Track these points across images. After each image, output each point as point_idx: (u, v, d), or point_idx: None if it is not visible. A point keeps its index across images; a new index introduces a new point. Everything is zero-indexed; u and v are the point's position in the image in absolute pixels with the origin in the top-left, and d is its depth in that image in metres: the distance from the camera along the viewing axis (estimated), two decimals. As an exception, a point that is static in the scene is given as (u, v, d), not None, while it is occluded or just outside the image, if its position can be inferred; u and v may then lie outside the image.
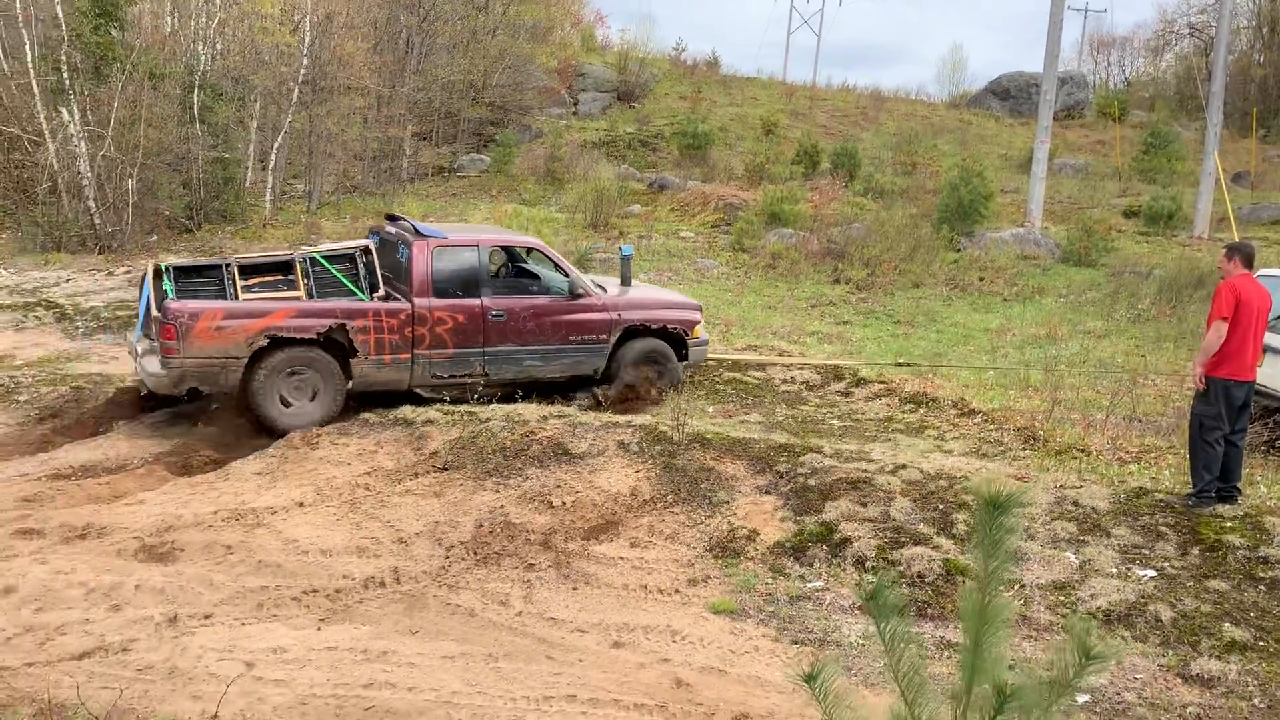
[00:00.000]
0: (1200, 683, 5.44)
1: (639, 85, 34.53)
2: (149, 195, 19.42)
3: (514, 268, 11.18)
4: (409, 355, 9.62)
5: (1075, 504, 7.16)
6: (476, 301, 9.88)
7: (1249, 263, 7.07)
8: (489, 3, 30.17)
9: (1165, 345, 14.60)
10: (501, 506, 7.49)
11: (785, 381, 11.81)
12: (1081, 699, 5.25)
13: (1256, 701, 5.27)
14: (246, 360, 9.06)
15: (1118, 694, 5.32)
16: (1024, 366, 12.59)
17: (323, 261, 9.84)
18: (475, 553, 6.86)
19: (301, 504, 7.64)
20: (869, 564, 6.64)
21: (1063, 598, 6.19)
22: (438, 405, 9.53)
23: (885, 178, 26.55)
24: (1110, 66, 58.17)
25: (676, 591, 6.50)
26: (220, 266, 9.76)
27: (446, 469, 8.20)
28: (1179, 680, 5.47)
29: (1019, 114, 36.91)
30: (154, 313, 9.20)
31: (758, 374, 12.05)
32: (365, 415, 9.38)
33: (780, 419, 10.33)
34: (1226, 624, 5.86)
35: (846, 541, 6.88)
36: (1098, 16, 71.43)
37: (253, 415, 9.23)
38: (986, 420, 9.88)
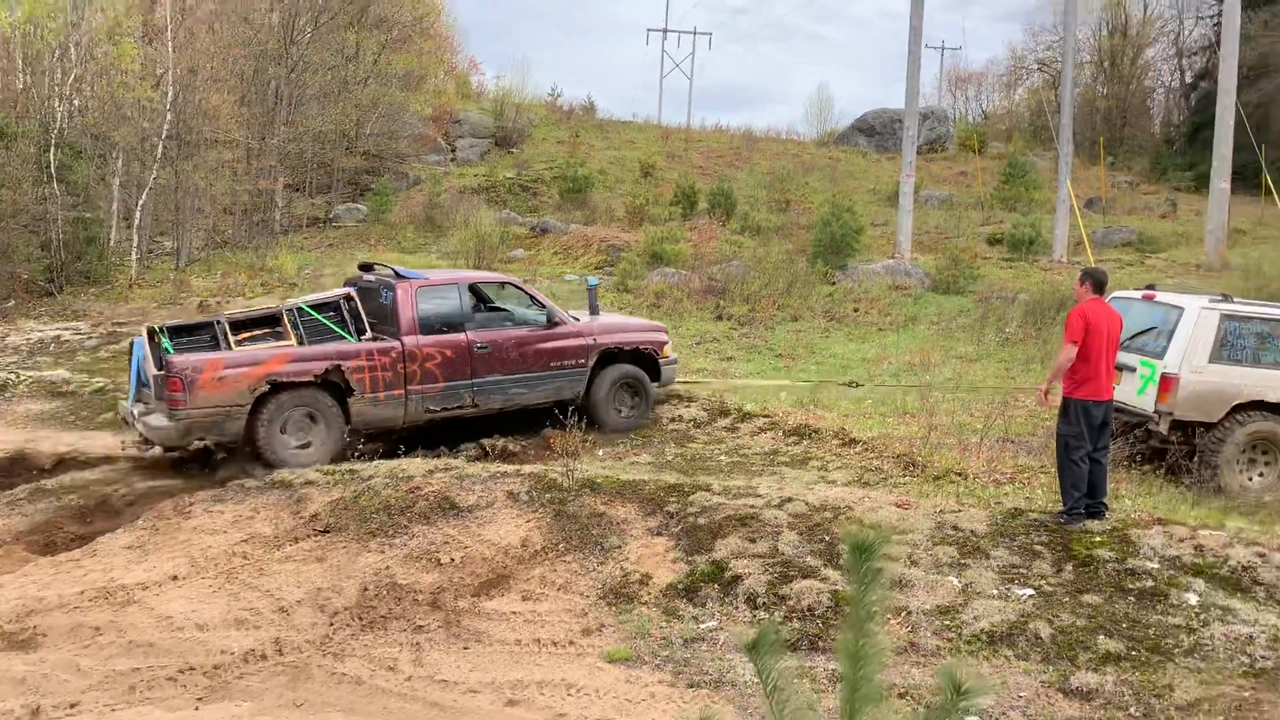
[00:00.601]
0: (1080, 696, 5.62)
1: (516, 131, 34.63)
2: (4, 259, 18.51)
3: (492, 302, 11.59)
4: (402, 391, 10.06)
5: (955, 528, 7.36)
6: (462, 336, 10.41)
7: (1099, 288, 7.45)
8: (359, 52, 29.89)
9: (1033, 366, 15.22)
10: (387, 567, 7.30)
11: (673, 420, 11.88)
12: (970, 721, 5.36)
13: (1133, 710, 5.47)
14: (250, 407, 9.43)
15: (1003, 713, 5.46)
16: (971, 386, 12.92)
17: (309, 311, 10.21)
18: (361, 617, 6.66)
19: (175, 577, 7.31)
20: (760, 600, 6.69)
21: (948, 622, 6.34)
22: (317, 465, 9.27)
23: (761, 215, 27.14)
24: (968, 101, 60.99)
25: (571, 643, 6.42)
26: (211, 324, 10.11)
27: (328, 531, 7.96)
28: (1060, 695, 5.64)
29: (885, 149, 38.27)
30: (153, 372, 9.56)
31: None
32: (241, 480, 9.07)
33: (670, 458, 10.37)
34: (1101, 636, 6.09)
35: (738, 579, 6.92)
36: (954, 53, 74.81)
37: (261, 459, 9.55)
38: (867, 449, 10.11)
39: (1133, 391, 9.48)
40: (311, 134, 27.44)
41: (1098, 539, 7.09)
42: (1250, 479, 9.15)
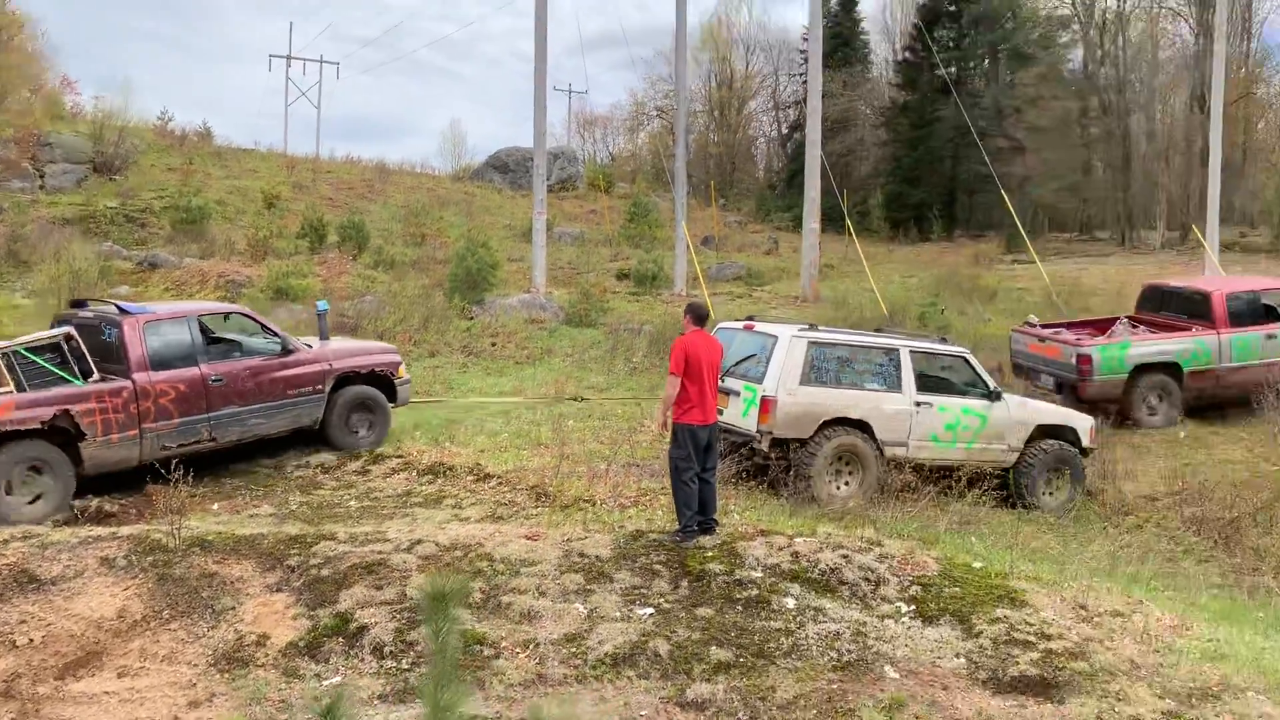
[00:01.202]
0: (695, 707, 5.93)
1: (120, 156, 31.57)
2: None
3: (225, 334, 11.45)
4: (136, 431, 9.82)
5: (582, 554, 7.55)
6: (195, 370, 10.25)
7: (700, 321, 8.02)
8: (-81, 61, 25.96)
9: (658, 393, 16.10)
10: (-55, 658, 6.28)
11: (299, 466, 11.29)
12: (595, 746, 5.49)
13: (741, 715, 5.86)
14: None
15: (626, 734, 5.63)
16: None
17: (27, 354, 9.72)
18: (-92, 721, 5.67)
19: None
20: (388, 649, 6.47)
21: (574, 649, 6.47)
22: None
23: (395, 249, 26.69)
24: (596, 143, 64.05)
25: (176, 719, 5.85)
26: None
27: None
28: (678, 709, 5.92)
29: (519, 186, 39.13)
30: None
31: (269, 460, 11.40)
32: None
33: (294, 507, 9.84)
34: (714, 647, 6.48)
35: (364, 630, 6.66)
36: (582, 96, 78.29)
37: None
38: (501, 483, 10.17)
39: (738, 414, 10.28)
40: None
41: (710, 554, 7.57)
42: (838, 488, 10.21)
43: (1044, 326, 15.75)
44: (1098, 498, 11.41)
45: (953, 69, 43.37)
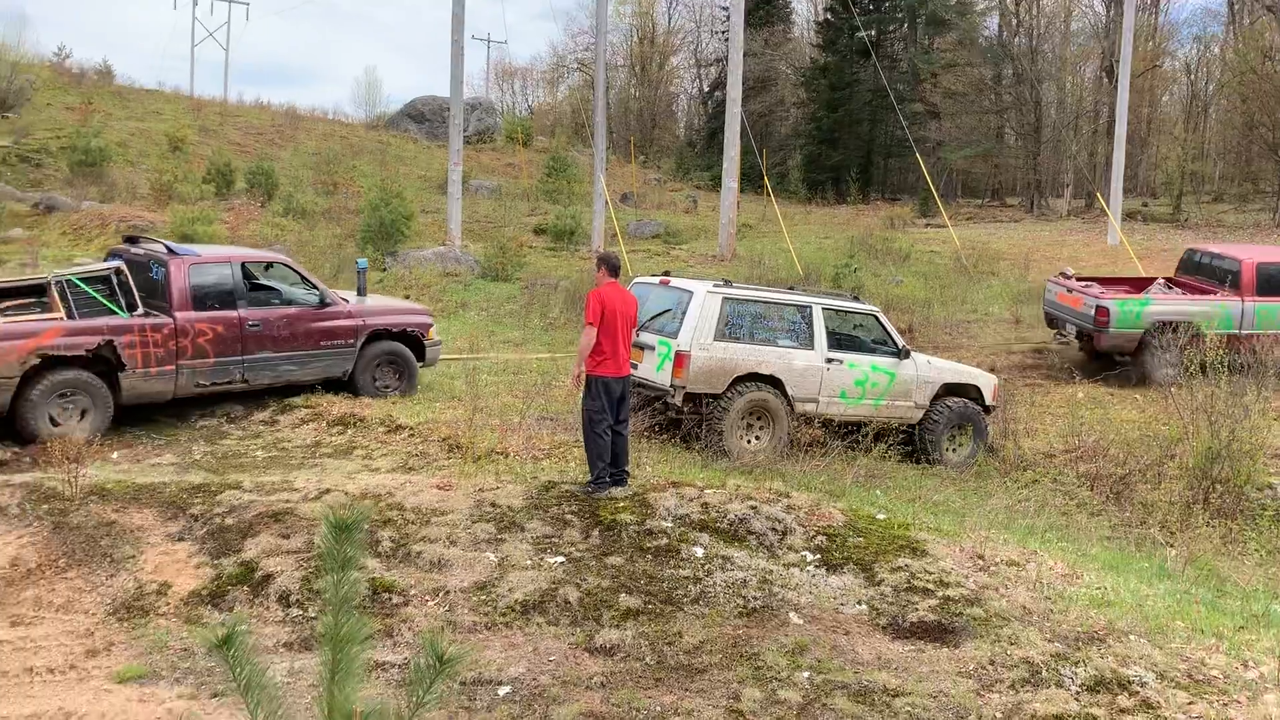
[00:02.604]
0: (604, 653, 6.00)
1: (14, 93, 30.14)
2: None
3: (266, 281, 11.75)
4: (173, 366, 10.23)
5: (493, 505, 7.55)
6: (234, 313, 10.64)
7: (614, 272, 8.00)
8: None
9: (572, 349, 16.08)
10: None
11: (203, 415, 11.03)
12: (503, 691, 5.53)
13: (648, 659, 5.95)
14: (18, 380, 9.31)
15: (534, 679, 5.67)
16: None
17: (79, 283, 10.10)
18: None
19: None
20: (294, 598, 6.40)
21: (484, 597, 6.48)
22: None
23: (306, 198, 26.04)
24: (515, 95, 63.15)
25: (72, 667, 5.71)
26: None
27: None
28: (586, 654, 5.99)
29: (435, 137, 38.42)
30: None
31: (171, 410, 11.11)
32: None
33: (198, 457, 9.63)
34: (623, 595, 6.56)
35: (269, 578, 6.57)
36: (501, 47, 76.89)
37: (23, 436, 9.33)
38: (413, 434, 10.08)
39: (652, 368, 10.33)
40: None
41: (621, 504, 7.63)
42: (749, 442, 10.36)
43: (1079, 280, 15.74)
44: (999, 454, 11.78)
45: (872, 31, 43.76)
